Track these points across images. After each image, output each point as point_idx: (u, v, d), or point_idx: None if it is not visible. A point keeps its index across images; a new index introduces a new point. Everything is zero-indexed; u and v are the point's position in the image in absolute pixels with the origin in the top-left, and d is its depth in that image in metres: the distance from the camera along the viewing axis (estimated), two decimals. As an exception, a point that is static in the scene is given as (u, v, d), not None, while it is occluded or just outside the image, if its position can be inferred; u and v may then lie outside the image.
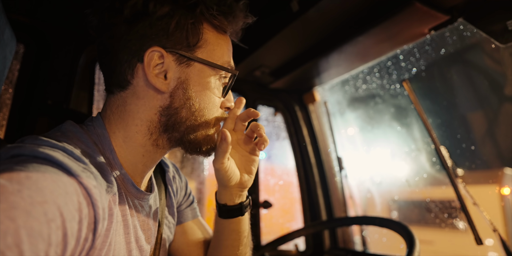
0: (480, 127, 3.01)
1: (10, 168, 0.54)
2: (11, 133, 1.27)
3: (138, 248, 0.79)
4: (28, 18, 1.33)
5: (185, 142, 0.84)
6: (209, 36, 0.82)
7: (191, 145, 0.85)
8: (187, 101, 0.80)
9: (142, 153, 0.81)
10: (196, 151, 0.87)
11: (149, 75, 0.77)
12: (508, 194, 2.84)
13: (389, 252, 1.65)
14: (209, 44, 0.82)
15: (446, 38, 2.13)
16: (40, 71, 1.34)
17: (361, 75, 2.61)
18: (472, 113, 3.04)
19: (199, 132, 0.84)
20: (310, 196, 2.04)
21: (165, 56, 0.78)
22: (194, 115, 0.82)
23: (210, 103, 0.84)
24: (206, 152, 0.88)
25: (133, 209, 0.80)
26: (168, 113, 0.80)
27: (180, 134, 0.83)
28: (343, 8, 1.31)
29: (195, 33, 0.79)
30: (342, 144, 2.16)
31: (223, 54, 0.85)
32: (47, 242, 0.49)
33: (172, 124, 0.81)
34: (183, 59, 0.79)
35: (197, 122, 0.83)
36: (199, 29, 0.80)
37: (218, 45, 0.84)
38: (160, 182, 1.01)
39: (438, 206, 3.03)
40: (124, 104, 0.81)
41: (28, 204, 0.49)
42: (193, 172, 3.28)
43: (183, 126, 0.82)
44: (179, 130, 0.82)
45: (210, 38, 0.82)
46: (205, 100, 0.83)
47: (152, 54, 0.77)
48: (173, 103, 0.80)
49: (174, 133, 0.82)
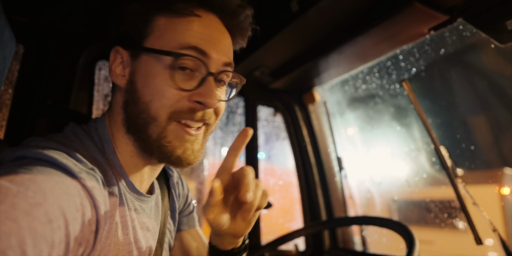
0: (480, 127, 3.01)
1: (13, 170, 0.55)
2: (11, 133, 1.27)
3: (137, 250, 0.79)
4: (28, 19, 1.33)
5: (148, 145, 0.76)
6: (159, 22, 0.77)
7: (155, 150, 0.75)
8: (134, 94, 0.76)
9: (139, 156, 0.80)
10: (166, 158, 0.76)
11: (111, 74, 0.80)
12: (507, 194, 2.84)
13: (389, 252, 1.65)
14: (157, 31, 0.76)
15: (446, 38, 2.14)
16: (40, 72, 1.34)
17: (360, 75, 2.61)
18: (472, 113, 3.04)
19: (151, 129, 0.74)
20: (310, 196, 2.04)
21: (123, 53, 0.80)
22: (142, 110, 0.74)
23: (158, 94, 0.73)
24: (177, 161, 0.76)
25: (133, 211, 0.80)
26: (127, 111, 0.78)
27: (138, 135, 0.76)
28: (342, 8, 1.31)
29: (143, 24, 0.78)
30: (342, 144, 2.16)
31: (174, 38, 0.75)
32: (49, 243, 0.49)
33: (129, 123, 0.77)
34: (133, 52, 0.79)
35: (148, 118, 0.74)
36: (148, 19, 0.78)
37: (167, 30, 0.76)
38: (163, 186, 1.01)
39: (438, 206, 3.03)
40: (115, 105, 0.82)
41: (28, 205, 0.49)
42: (192, 173, 3.29)
43: (137, 124, 0.75)
44: (136, 130, 0.76)
45: (159, 24, 0.77)
46: (152, 91, 0.74)
47: (113, 54, 0.81)
48: (126, 98, 0.78)
49: (136, 134, 0.77)
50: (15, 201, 0.49)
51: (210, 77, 0.75)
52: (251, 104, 2.01)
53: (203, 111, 0.76)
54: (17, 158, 0.63)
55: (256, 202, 0.73)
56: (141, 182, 0.84)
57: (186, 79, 0.75)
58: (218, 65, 0.78)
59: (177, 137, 0.75)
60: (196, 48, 0.74)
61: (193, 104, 0.75)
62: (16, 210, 0.48)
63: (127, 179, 0.79)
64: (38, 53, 1.35)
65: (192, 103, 0.75)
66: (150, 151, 0.76)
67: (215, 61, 0.77)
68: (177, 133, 0.75)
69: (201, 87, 0.75)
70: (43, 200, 0.52)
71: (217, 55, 0.77)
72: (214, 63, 0.76)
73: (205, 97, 0.74)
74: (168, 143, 0.74)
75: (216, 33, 0.78)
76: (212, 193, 0.69)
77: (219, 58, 0.77)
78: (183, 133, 0.75)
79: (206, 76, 0.75)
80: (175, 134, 0.75)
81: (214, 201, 0.70)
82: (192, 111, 0.75)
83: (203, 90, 0.75)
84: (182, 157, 0.76)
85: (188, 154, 0.76)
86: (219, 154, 3.61)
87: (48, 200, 0.52)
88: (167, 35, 0.75)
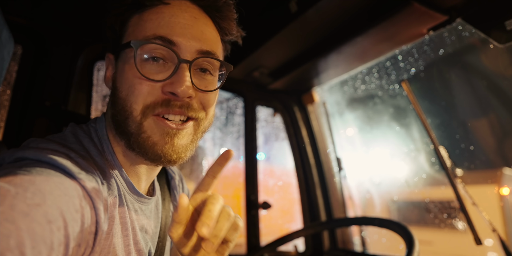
0: (479, 127, 3.01)
1: (13, 172, 0.55)
2: (9, 134, 1.27)
3: (137, 252, 0.79)
4: (26, 20, 1.32)
5: (129, 141, 0.73)
6: (132, 20, 0.77)
7: (135, 146, 0.72)
8: (114, 92, 0.76)
9: (130, 156, 0.79)
10: (145, 154, 0.72)
11: (105, 80, 0.83)
12: (507, 194, 2.84)
13: (389, 253, 1.64)
14: (130, 28, 0.76)
15: (445, 39, 2.14)
16: (38, 73, 1.34)
17: (360, 76, 2.61)
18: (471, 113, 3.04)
19: (130, 126, 0.72)
20: (309, 197, 2.03)
21: (111, 58, 0.82)
22: (120, 106, 0.73)
23: (131, 88, 0.71)
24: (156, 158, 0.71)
25: (133, 212, 0.79)
26: (111, 111, 0.77)
27: (121, 132, 0.74)
28: (341, 8, 1.31)
29: (120, 25, 0.79)
30: (341, 145, 2.16)
31: (142, 31, 0.73)
32: (48, 244, 0.49)
33: (114, 122, 0.76)
34: (115, 54, 0.80)
35: (125, 114, 0.72)
36: (124, 19, 0.78)
37: (138, 24, 0.75)
38: (164, 188, 1.00)
39: (437, 207, 3.03)
40: (107, 106, 0.84)
41: (27, 206, 0.49)
42: (192, 173, 3.28)
43: (118, 121, 0.74)
44: (118, 127, 0.74)
45: (132, 21, 0.77)
46: (126, 86, 0.72)
47: (106, 61, 0.83)
48: (111, 99, 0.79)
49: (119, 132, 0.75)
50: (14, 203, 0.48)
51: (182, 64, 0.71)
52: (250, 105, 2.01)
53: (180, 102, 0.72)
54: (17, 159, 0.63)
55: (220, 235, 0.65)
56: (138, 183, 0.83)
57: (159, 71, 0.72)
58: (192, 53, 0.73)
59: (155, 131, 0.72)
60: (162, 38, 0.71)
61: (167, 95, 0.71)
62: (14, 212, 0.47)
63: (127, 180, 0.78)
64: (36, 54, 1.35)
65: (166, 94, 0.71)
66: (132, 147, 0.73)
67: (188, 49, 0.72)
68: (155, 127, 0.71)
69: (173, 76, 0.71)
70: (42, 201, 0.51)
71: (188, 42, 0.72)
72: (187, 50, 0.72)
73: (176, 86, 0.69)
74: (147, 138, 0.71)
75: (187, 20, 0.75)
76: (177, 209, 0.64)
77: (191, 45, 0.73)
78: (162, 127, 0.72)
79: (178, 64, 0.71)
80: (153, 128, 0.71)
81: (178, 218, 0.64)
82: (166, 103, 0.71)
83: (174, 79, 0.70)
84: (161, 153, 0.71)
85: (167, 149, 0.71)
86: (218, 155, 3.61)
87: (47, 201, 0.52)
88: (137, 30, 0.74)
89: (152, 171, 0.86)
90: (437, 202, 3.02)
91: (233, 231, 0.69)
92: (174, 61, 0.72)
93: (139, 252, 0.80)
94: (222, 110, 2.69)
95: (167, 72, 0.71)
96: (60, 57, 1.37)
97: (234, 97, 2.16)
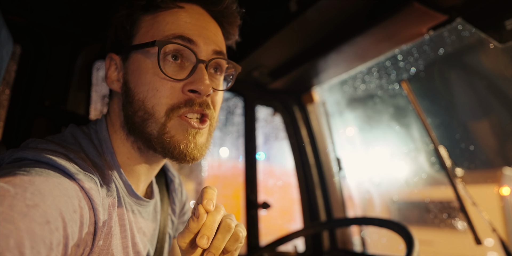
0: (479, 127, 3.01)
1: (12, 172, 0.55)
2: (8, 134, 1.27)
3: (135, 254, 0.79)
4: (25, 19, 1.32)
5: (150, 142, 0.74)
6: (145, 20, 0.78)
7: (158, 146, 0.74)
8: (129, 94, 0.76)
9: (135, 157, 0.80)
10: (169, 154, 0.74)
11: (108, 81, 0.82)
12: (507, 194, 2.84)
13: (389, 253, 1.64)
14: (143, 28, 0.77)
15: (445, 38, 2.14)
16: (37, 72, 1.33)
17: (359, 75, 2.61)
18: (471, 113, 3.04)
19: (150, 126, 0.73)
20: (309, 197, 2.03)
21: (116, 58, 0.81)
22: (138, 107, 0.74)
23: (151, 89, 0.73)
24: (181, 156, 0.73)
25: (131, 214, 0.79)
26: (125, 113, 0.78)
27: (138, 133, 0.76)
28: (341, 8, 1.31)
29: (130, 25, 0.79)
30: (341, 145, 2.16)
31: (160, 30, 0.75)
32: (48, 245, 0.49)
33: (128, 123, 0.77)
34: (124, 54, 0.80)
35: (145, 115, 0.74)
36: (134, 19, 0.79)
37: (153, 25, 0.76)
38: (163, 191, 1.00)
39: (437, 207, 3.03)
40: (113, 108, 0.83)
41: (26, 207, 0.49)
42: (191, 173, 3.28)
43: (135, 122, 0.75)
44: (135, 128, 0.76)
45: (145, 22, 0.78)
46: (145, 88, 0.73)
47: (107, 61, 0.83)
48: (123, 100, 0.79)
49: (136, 134, 0.76)
50: (13, 203, 0.48)
51: (200, 64, 0.74)
52: (249, 105, 2.01)
53: (200, 100, 0.74)
54: (16, 159, 0.63)
55: (219, 246, 0.64)
56: (137, 183, 0.83)
57: (177, 70, 0.74)
58: (208, 53, 0.76)
59: (179, 131, 0.73)
60: (182, 37, 0.74)
61: (188, 95, 0.73)
62: (13, 212, 0.47)
63: (126, 182, 0.78)
64: (35, 53, 1.35)
65: (186, 93, 0.73)
66: (153, 148, 0.75)
67: (204, 49, 0.75)
68: (179, 126, 0.73)
69: (192, 76, 0.73)
70: (41, 201, 0.51)
71: (205, 43, 0.76)
72: (204, 51, 0.75)
73: (198, 85, 0.72)
74: (170, 138, 0.73)
75: (202, 22, 0.78)
76: (194, 218, 0.63)
77: (207, 46, 0.76)
78: (185, 126, 0.73)
79: (196, 64, 0.74)
80: (177, 128, 0.73)
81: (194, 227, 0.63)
82: (189, 102, 0.73)
83: (194, 78, 0.73)
84: (185, 152, 0.73)
85: (191, 148, 0.74)
86: (217, 155, 3.61)
87: (46, 202, 0.52)
88: (153, 30, 0.76)
89: (151, 171, 0.86)
90: (437, 202, 3.02)
91: (234, 242, 0.67)
92: (192, 61, 0.75)
93: (138, 254, 0.79)
94: (222, 110, 2.69)
95: (185, 72, 0.74)
96: (59, 56, 1.37)
97: (234, 96, 2.16)
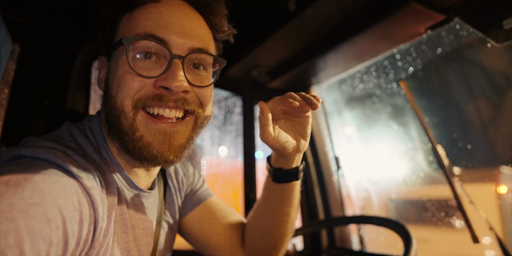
0: (477, 126, 3.02)
1: (11, 170, 0.55)
2: (8, 133, 1.27)
3: (136, 247, 0.79)
4: (24, 18, 1.32)
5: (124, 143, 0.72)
6: (124, 19, 0.77)
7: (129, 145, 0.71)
8: (106, 91, 0.76)
9: (127, 158, 0.79)
10: (140, 155, 0.71)
11: (98, 83, 0.84)
12: (504, 192, 2.85)
13: (387, 251, 1.65)
14: (121, 27, 0.77)
15: (443, 38, 2.14)
16: (36, 71, 1.33)
17: (358, 75, 2.61)
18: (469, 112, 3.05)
19: (124, 125, 0.71)
20: (307, 196, 2.04)
21: (103, 60, 0.82)
22: (111, 105, 0.72)
23: (121, 84, 0.71)
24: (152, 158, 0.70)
25: (132, 208, 0.80)
26: (104, 112, 0.77)
27: (114, 133, 0.73)
28: (340, 7, 1.31)
29: (111, 26, 0.79)
30: (339, 144, 2.17)
31: (133, 29, 0.73)
32: (48, 242, 0.49)
33: (106, 121, 0.76)
34: (107, 54, 0.81)
35: (116, 112, 0.71)
36: (115, 19, 0.79)
37: (129, 23, 0.75)
38: (160, 178, 1.00)
39: (435, 205, 3.04)
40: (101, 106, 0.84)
41: (25, 204, 0.49)
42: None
43: (110, 121, 0.73)
44: (110, 126, 0.74)
45: (124, 20, 0.77)
46: (117, 83, 0.72)
47: (99, 63, 0.84)
48: (103, 100, 0.79)
49: (112, 132, 0.74)
50: (13, 201, 0.48)
51: (175, 60, 0.71)
52: (248, 104, 2.01)
53: (175, 97, 0.71)
54: (14, 157, 0.63)
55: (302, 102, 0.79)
56: (140, 178, 0.83)
57: (152, 68, 0.72)
58: (184, 48, 0.73)
59: (148, 129, 0.71)
60: (153, 36, 0.71)
61: (159, 90, 0.71)
62: (13, 210, 0.47)
63: (125, 176, 0.78)
64: (34, 52, 1.35)
65: (158, 89, 0.71)
66: (126, 149, 0.72)
67: (180, 45, 0.72)
68: (148, 124, 0.71)
69: (166, 72, 0.71)
70: (40, 199, 0.51)
71: (180, 39, 0.73)
72: (179, 47, 0.72)
73: (170, 81, 0.69)
74: (140, 137, 0.70)
75: (177, 18, 0.74)
76: (261, 112, 0.78)
77: (182, 42, 0.73)
78: (154, 124, 0.71)
79: (170, 60, 0.71)
80: (145, 125, 0.71)
81: (267, 120, 0.78)
82: (158, 97, 0.70)
83: (167, 74, 0.70)
84: (157, 153, 0.70)
85: (163, 149, 0.71)
86: (216, 154, 3.61)
87: (46, 199, 0.52)
88: (128, 28, 0.74)
89: (151, 171, 0.86)
90: (435, 201, 3.04)
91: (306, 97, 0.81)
92: (167, 57, 0.72)
93: (139, 247, 0.80)
94: (221, 109, 2.69)
95: (160, 69, 0.71)
96: (58, 55, 1.37)
97: (233, 96, 2.16)
